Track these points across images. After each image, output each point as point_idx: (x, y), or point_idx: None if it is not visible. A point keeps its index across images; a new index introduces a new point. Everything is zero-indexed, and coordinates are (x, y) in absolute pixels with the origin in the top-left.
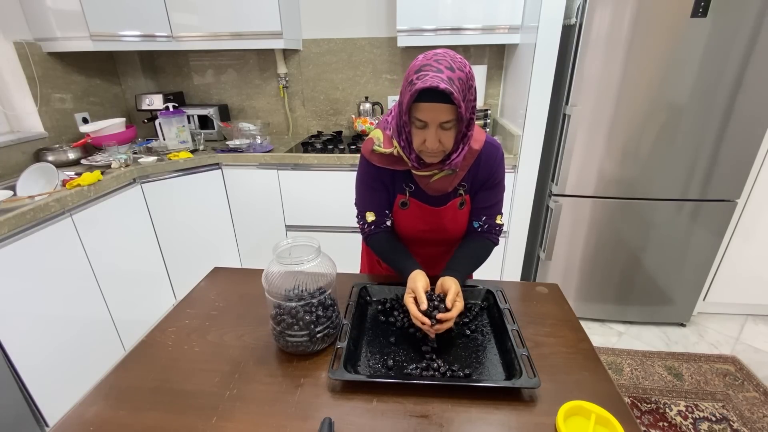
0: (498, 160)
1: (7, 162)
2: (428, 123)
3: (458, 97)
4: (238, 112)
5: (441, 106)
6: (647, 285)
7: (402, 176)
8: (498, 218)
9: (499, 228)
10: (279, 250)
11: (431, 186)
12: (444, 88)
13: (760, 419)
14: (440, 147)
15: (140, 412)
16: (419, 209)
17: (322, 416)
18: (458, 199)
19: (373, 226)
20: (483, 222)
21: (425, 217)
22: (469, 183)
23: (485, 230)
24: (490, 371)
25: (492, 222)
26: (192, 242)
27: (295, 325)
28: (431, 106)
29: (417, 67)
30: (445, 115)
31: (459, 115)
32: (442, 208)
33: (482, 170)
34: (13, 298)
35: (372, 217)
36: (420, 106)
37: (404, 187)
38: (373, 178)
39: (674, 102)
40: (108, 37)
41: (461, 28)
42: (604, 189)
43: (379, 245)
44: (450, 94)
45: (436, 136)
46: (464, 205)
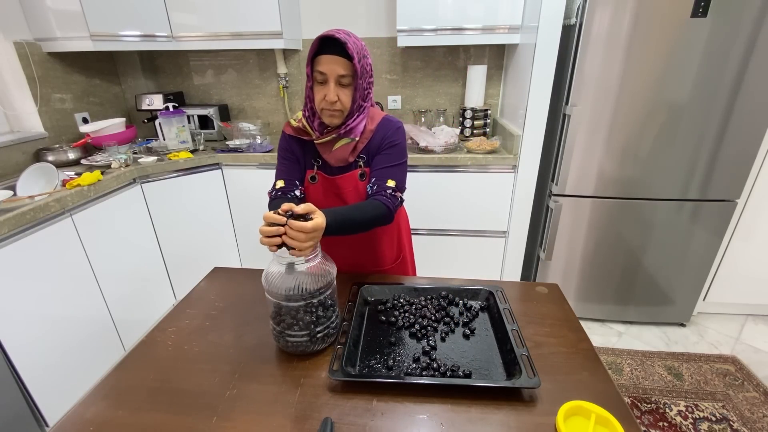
0: (392, 129)
1: (7, 162)
2: (328, 76)
3: (352, 49)
4: (238, 112)
5: (339, 59)
6: (647, 285)
7: (311, 152)
8: (389, 181)
9: (391, 191)
10: (279, 250)
11: (333, 155)
12: (339, 36)
13: (760, 419)
14: (339, 104)
15: (140, 412)
16: (325, 181)
17: (322, 416)
18: (358, 170)
19: (280, 192)
20: (373, 184)
21: (331, 189)
22: (367, 155)
23: (375, 192)
24: (490, 371)
25: (382, 184)
26: (192, 242)
27: (295, 325)
28: (330, 58)
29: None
30: (342, 68)
31: (354, 72)
32: (342, 177)
33: (376, 139)
34: (13, 298)
35: (281, 184)
36: (321, 59)
37: (313, 162)
38: (286, 151)
39: (674, 102)
40: (108, 37)
41: (461, 28)
42: (604, 189)
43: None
44: (345, 43)
45: (335, 91)
46: (365, 178)
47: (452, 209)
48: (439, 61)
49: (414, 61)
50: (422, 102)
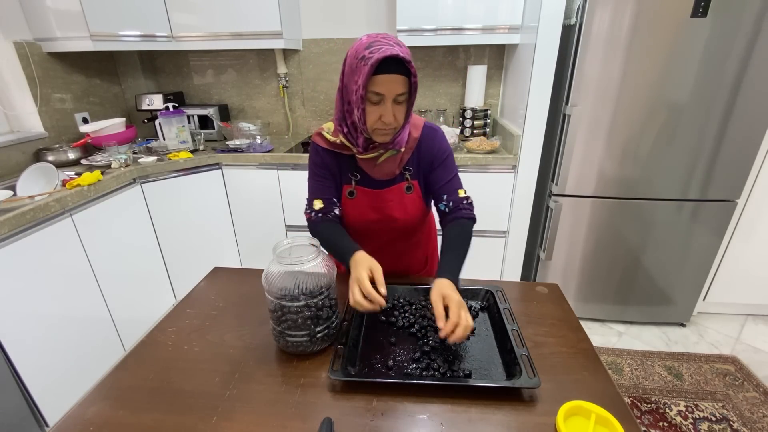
0: (438, 139)
1: (7, 162)
2: (385, 96)
3: (414, 66)
4: (238, 112)
5: (398, 78)
6: (647, 285)
7: (347, 166)
8: (460, 192)
9: (466, 202)
10: (279, 250)
11: (377, 169)
12: (404, 56)
13: (760, 419)
14: (395, 122)
15: (140, 412)
16: (366, 196)
17: (322, 416)
18: (404, 183)
19: (320, 214)
20: (446, 201)
21: (373, 203)
22: (414, 166)
23: (452, 209)
24: (490, 371)
25: (455, 197)
26: (192, 242)
27: (295, 325)
28: (389, 78)
29: (366, 45)
30: (401, 86)
31: (411, 87)
32: (387, 190)
33: (424, 152)
34: (13, 298)
35: (320, 205)
36: (378, 79)
37: (350, 177)
38: (320, 166)
39: (674, 102)
40: (108, 37)
41: (461, 28)
42: (604, 189)
43: (324, 231)
44: (408, 62)
45: (392, 110)
46: (411, 190)
47: None
48: (439, 61)
49: (414, 61)
50: (422, 102)
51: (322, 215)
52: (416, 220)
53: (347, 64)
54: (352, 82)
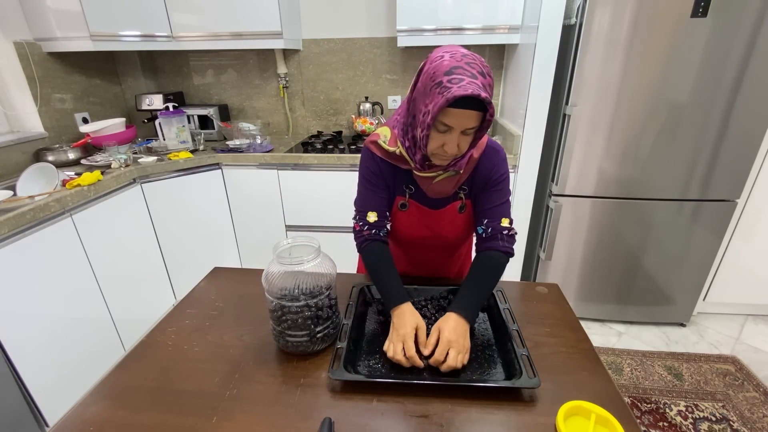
0: (498, 161)
1: (7, 162)
2: (454, 128)
3: (493, 105)
4: (238, 112)
5: (472, 113)
6: (647, 285)
7: (403, 177)
8: (504, 221)
9: (507, 233)
10: (279, 250)
11: (433, 188)
12: (484, 97)
13: (760, 419)
14: (458, 152)
15: (140, 412)
16: (418, 212)
17: (322, 416)
18: (458, 202)
19: (373, 230)
20: (486, 226)
21: (424, 220)
22: (470, 186)
23: (489, 236)
24: (490, 371)
25: (496, 226)
26: (192, 242)
27: (295, 325)
28: (464, 113)
29: (446, 68)
30: (473, 122)
31: (484, 122)
32: (441, 211)
33: (482, 172)
34: (13, 298)
35: (374, 218)
36: (451, 111)
37: (404, 188)
38: (375, 175)
39: (674, 102)
40: (108, 37)
41: (461, 28)
42: (604, 189)
43: (375, 256)
44: (488, 104)
45: (456, 141)
46: (464, 210)
47: None
48: None
49: (414, 61)
50: None
51: (375, 231)
52: (465, 238)
53: (421, 81)
54: (422, 103)
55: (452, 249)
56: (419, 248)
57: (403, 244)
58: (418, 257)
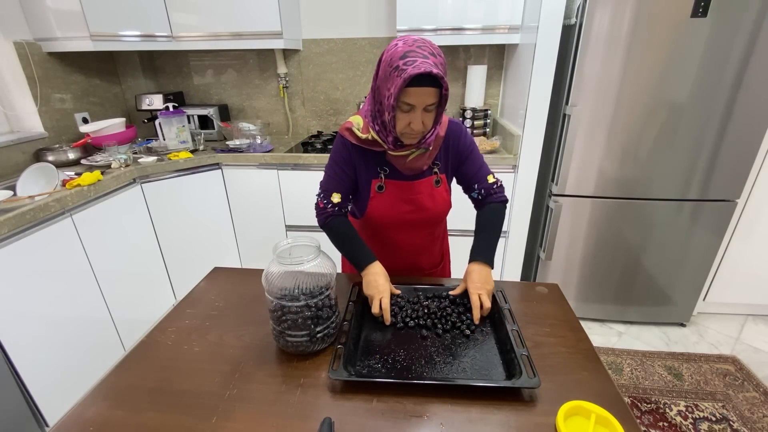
0: (463, 134)
1: (7, 162)
2: (415, 106)
3: (446, 81)
4: (238, 112)
5: (429, 90)
6: (647, 285)
7: (375, 161)
8: (489, 178)
9: (496, 186)
10: (279, 250)
11: (407, 165)
12: (437, 73)
13: (760, 419)
14: (423, 128)
15: (140, 412)
16: (397, 188)
17: (322, 416)
18: (433, 176)
19: (336, 208)
20: (478, 189)
21: (403, 195)
22: (442, 161)
23: (485, 195)
24: (490, 371)
25: (485, 184)
26: (192, 242)
27: (295, 325)
28: (421, 90)
29: (401, 53)
30: (431, 98)
31: (442, 98)
32: (418, 182)
33: (452, 147)
34: (13, 298)
35: (338, 199)
36: (410, 90)
37: (379, 171)
38: (345, 161)
39: (674, 102)
40: (108, 37)
41: (461, 28)
42: (604, 189)
43: (340, 228)
44: (441, 78)
45: (421, 118)
46: (440, 184)
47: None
48: None
49: None
50: None
51: (338, 209)
52: (443, 213)
53: (381, 69)
54: (384, 88)
55: (432, 226)
56: (401, 229)
57: (381, 228)
58: (396, 240)
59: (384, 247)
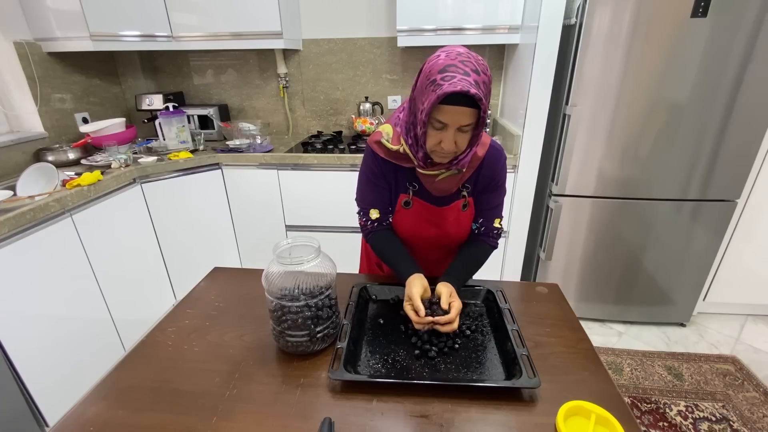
0: (501, 164)
1: (7, 162)
2: (448, 125)
3: (485, 102)
4: (238, 112)
5: (465, 110)
6: (647, 285)
7: (406, 175)
8: (497, 222)
9: (497, 231)
10: (279, 250)
11: (436, 186)
12: (474, 93)
13: (760, 419)
14: (455, 149)
15: (140, 412)
16: (422, 209)
17: (322, 416)
18: (462, 200)
19: (376, 224)
20: (480, 224)
21: (428, 217)
22: (473, 185)
23: (482, 233)
24: (490, 371)
25: (489, 225)
26: (192, 242)
27: (295, 325)
28: (456, 110)
29: (440, 67)
30: (467, 118)
31: (479, 119)
32: (445, 208)
33: (485, 173)
34: (13, 298)
35: (376, 215)
36: (444, 108)
37: (408, 186)
38: (377, 175)
39: (674, 102)
40: (108, 37)
41: (461, 28)
42: (604, 189)
43: (381, 243)
44: (479, 100)
45: (453, 138)
46: (467, 207)
47: None
48: None
49: (414, 61)
50: None
51: (378, 224)
52: (465, 236)
53: (419, 80)
54: (419, 101)
55: (452, 246)
56: (421, 246)
57: (406, 243)
58: (422, 255)
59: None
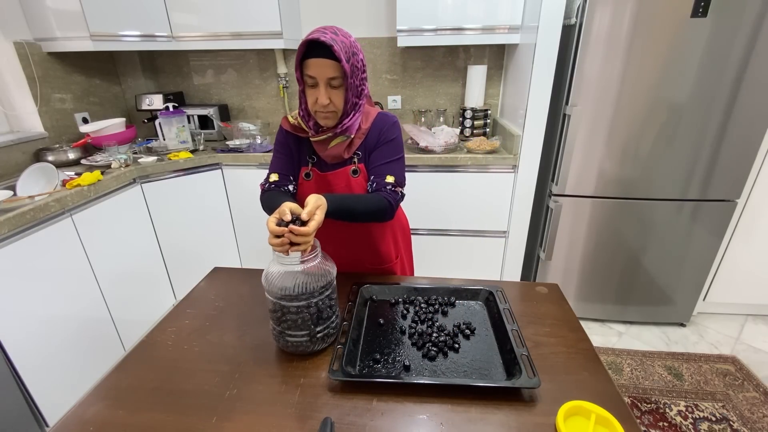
0: (388, 124)
1: (7, 162)
2: (317, 79)
3: (339, 50)
4: (238, 112)
5: (326, 62)
6: (647, 285)
7: (307, 149)
8: (389, 177)
9: (390, 188)
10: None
11: (328, 153)
12: (324, 40)
13: (760, 419)
14: (331, 106)
15: (140, 412)
16: (320, 179)
17: (322, 416)
18: (351, 165)
19: (273, 186)
20: (372, 182)
21: (322, 185)
22: (363, 151)
23: (375, 189)
24: (490, 371)
25: (381, 181)
26: (192, 242)
27: (295, 325)
28: (318, 62)
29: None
30: (331, 71)
31: (344, 73)
32: (334, 172)
33: (373, 135)
34: (13, 298)
35: (275, 177)
36: (309, 62)
37: (308, 159)
38: (282, 145)
39: (674, 102)
40: (108, 37)
41: (461, 28)
42: (604, 189)
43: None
44: (330, 46)
45: (326, 93)
46: (358, 174)
47: (452, 209)
48: (439, 61)
49: (414, 61)
50: (422, 102)
51: (275, 187)
52: None
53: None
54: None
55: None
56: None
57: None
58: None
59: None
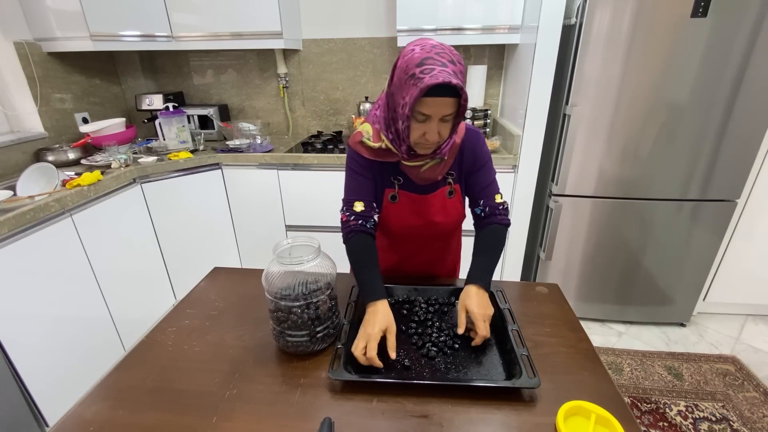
0: (480, 144)
1: (7, 162)
2: (432, 116)
3: (466, 91)
4: (238, 112)
5: (447, 100)
6: (647, 285)
7: (390, 170)
8: (497, 197)
9: (501, 207)
10: (279, 250)
11: (421, 176)
12: (456, 83)
13: (760, 419)
14: (439, 139)
15: (140, 412)
16: (409, 200)
17: (322, 416)
18: (447, 187)
19: (360, 220)
20: (482, 206)
21: (415, 208)
22: (457, 171)
23: (488, 213)
24: (490, 371)
25: (491, 203)
26: (192, 242)
27: (295, 325)
28: (438, 101)
29: (417, 60)
30: (449, 108)
31: (460, 108)
32: (431, 195)
33: (467, 156)
34: (13, 298)
35: (360, 207)
36: (426, 100)
37: (392, 180)
38: (362, 167)
39: (674, 102)
40: (108, 37)
41: (461, 28)
42: (604, 189)
43: (359, 248)
44: (461, 89)
45: (437, 129)
46: (453, 194)
47: None
48: None
49: None
50: None
51: (362, 222)
52: (456, 224)
53: (396, 76)
54: (399, 96)
55: (444, 238)
56: (412, 239)
57: (396, 238)
58: (411, 250)
59: (399, 255)
